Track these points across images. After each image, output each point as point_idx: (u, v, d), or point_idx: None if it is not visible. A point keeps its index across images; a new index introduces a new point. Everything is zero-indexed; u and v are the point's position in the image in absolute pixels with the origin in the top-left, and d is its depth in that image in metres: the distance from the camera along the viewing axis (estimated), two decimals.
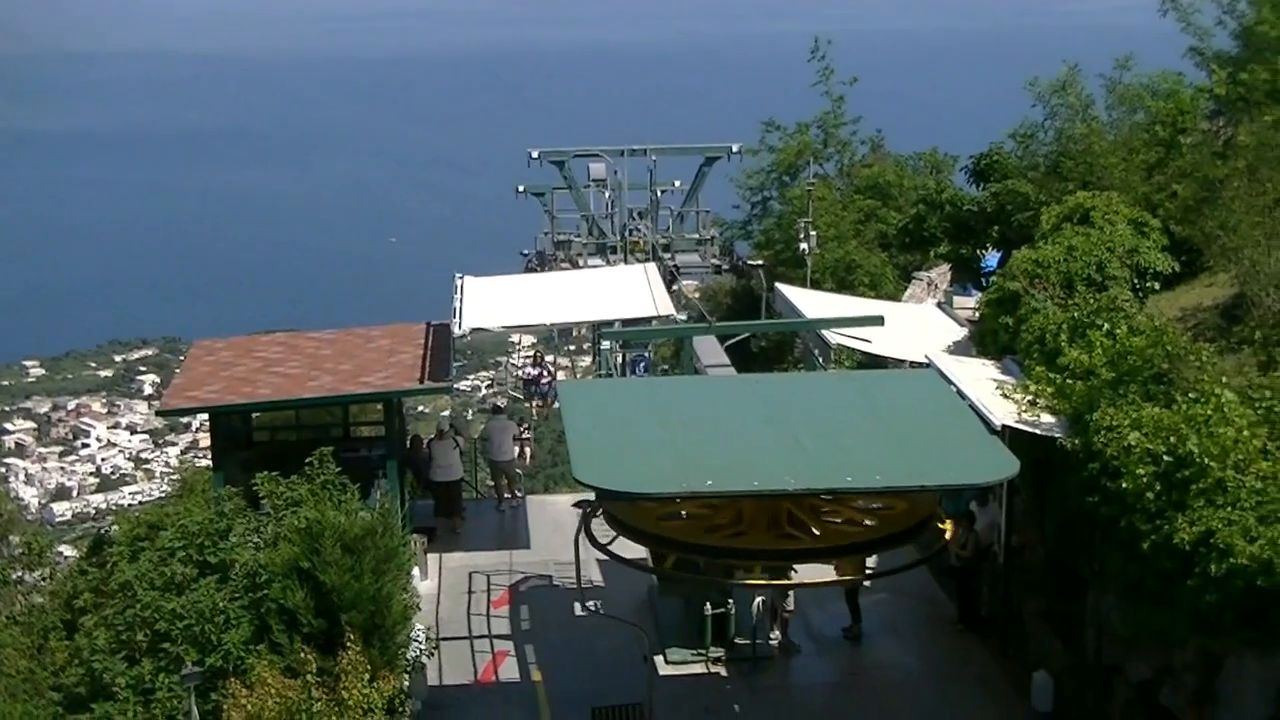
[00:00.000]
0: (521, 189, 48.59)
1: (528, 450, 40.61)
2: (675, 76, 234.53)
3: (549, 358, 45.36)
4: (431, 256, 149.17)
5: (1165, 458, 22.77)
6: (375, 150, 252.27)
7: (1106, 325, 28.05)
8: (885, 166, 59.37)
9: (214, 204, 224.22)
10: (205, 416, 35.12)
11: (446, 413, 74.32)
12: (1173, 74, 44.35)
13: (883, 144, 63.14)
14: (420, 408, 78.32)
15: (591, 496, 24.12)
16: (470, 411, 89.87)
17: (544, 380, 40.86)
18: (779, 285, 40.73)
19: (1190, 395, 23.85)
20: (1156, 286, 33.22)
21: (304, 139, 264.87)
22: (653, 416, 25.83)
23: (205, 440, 52.15)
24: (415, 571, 32.02)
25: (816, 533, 24.52)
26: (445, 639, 30.26)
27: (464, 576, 34.01)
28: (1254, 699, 21.38)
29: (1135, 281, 32.65)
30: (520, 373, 42.04)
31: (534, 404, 41.09)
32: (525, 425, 40.86)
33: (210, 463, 35.68)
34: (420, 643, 28.06)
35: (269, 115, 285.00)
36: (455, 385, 39.99)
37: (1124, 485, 23.06)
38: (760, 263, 50.82)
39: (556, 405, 31.92)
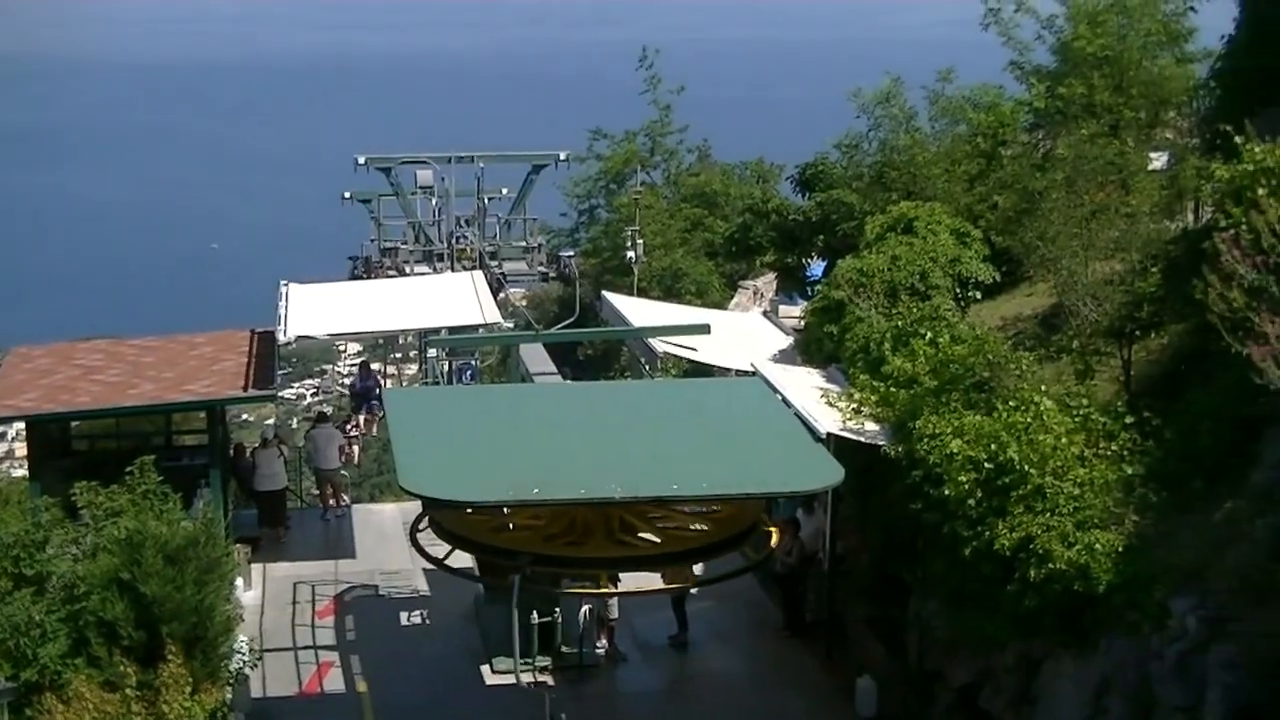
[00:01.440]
0: (348, 195, 48.07)
1: (355, 448, 40.18)
2: (503, 84, 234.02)
3: (376, 367, 44.97)
4: (256, 263, 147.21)
5: (986, 465, 23.12)
6: (198, 155, 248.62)
7: (929, 334, 28.45)
8: (712, 175, 59.77)
9: (26, 206, 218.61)
10: (22, 425, 34.32)
11: (271, 421, 73.51)
12: (994, 87, 45.04)
13: (710, 153, 63.59)
14: (244, 416, 77.43)
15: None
16: (295, 419, 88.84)
17: (374, 394, 40.41)
18: (606, 293, 40.76)
19: (1010, 403, 24.23)
20: (978, 296, 33.71)
21: (123, 141, 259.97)
22: (480, 425, 25.70)
23: (22, 450, 50.94)
24: (239, 582, 31.52)
25: (654, 539, 24.53)
26: (269, 650, 29.84)
27: (288, 587, 33.58)
28: (1070, 701, 21.75)
29: (957, 291, 33.10)
30: (348, 384, 41.48)
31: (363, 417, 40.64)
32: (352, 426, 40.43)
33: (26, 472, 34.87)
34: (243, 654, 27.61)
35: (81, 117, 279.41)
36: (280, 393, 39.38)
37: (946, 492, 23.39)
38: (570, 253, 50.77)
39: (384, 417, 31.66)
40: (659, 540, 24.65)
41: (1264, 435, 20.41)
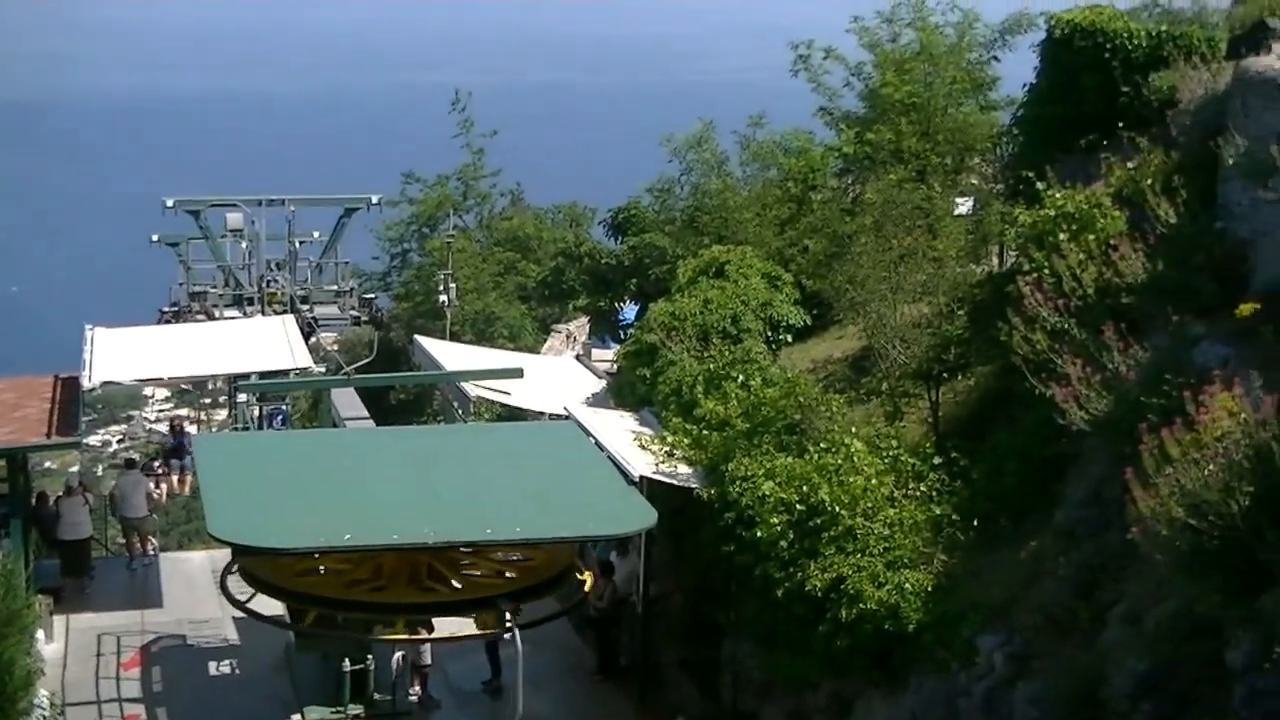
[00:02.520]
0: (155, 238, 47.24)
1: (163, 486, 39.26)
2: (315, 126, 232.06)
3: (185, 412, 44.21)
4: (59, 306, 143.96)
5: (798, 506, 23.30)
6: None
7: (741, 377, 28.61)
8: (525, 219, 59.78)
9: None
10: None
11: (75, 468, 71.71)
12: (804, 132, 45.59)
13: (523, 196, 63.59)
14: (48, 463, 75.42)
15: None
16: (101, 467, 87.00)
17: (185, 452, 39.49)
18: (418, 337, 40.50)
19: (821, 445, 24.46)
20: (789, 339, 33.97)
21: None
22: (290, 470, 25.36)
23: None
24: (40, 635, 30.68)
25: (457, 585, 24.36)
26: (72, 704, 29.04)
27: (93, 638, 32.72)
28: None
29: (769, 334, 33.32)
30: (157, 441, 40.41)
31: (174, 477, 39.73)
32: (160, 465, 39.54)
33: None
34: (44, 709, 26.86)
35: None
36: (85, 440, 38.52)
37: (758, 534, 23.52)
38: (371, 297, 50.47)
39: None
40: (478, 584, 24.52)
41: (1067, 474, 20.80)
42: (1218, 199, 21.16)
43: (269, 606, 25.89)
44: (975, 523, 22.11)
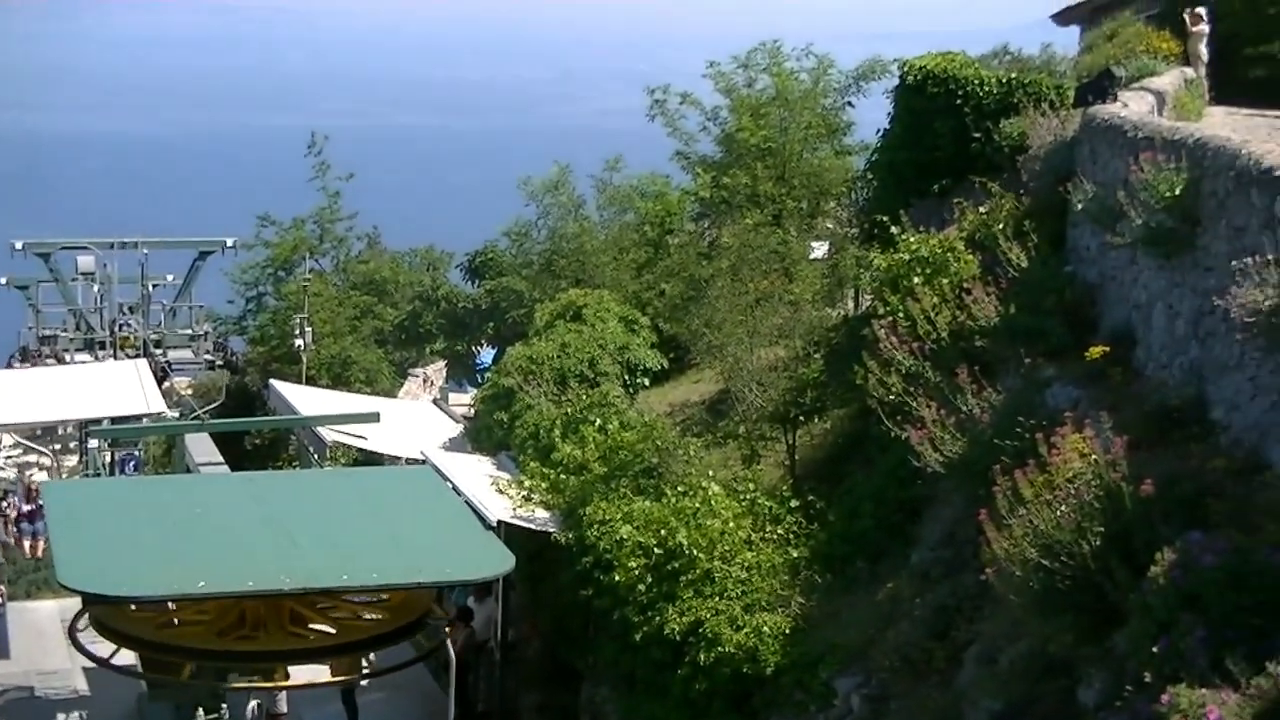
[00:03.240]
0: (4, 281, 46.50)
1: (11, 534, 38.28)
2: (168, 168, 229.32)
3: (35, 459, 43.29)
4: None
5: (656, 550, 23.27)
6: None
7: (599, 420, 28.60)
8: (382, 262, 59.43)
9: None
10: None
11: None
12: (660, 176, 45.82)
13: (379, 239, 63.21)
14: None
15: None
16: None
17: (38, 517, 38.52)
18: (273, 382, 40.10)
19: (679, 489, 24.46)
20: (646, 382, 34.03)
21: None
22: (143, 517, 24.88)
23: None
24: None
25: (330, 630, 24.03)
26: None
27: None
28: None
29: (626, 377, 33.37)
30: (10, 508, 39.29)
31: (26, 542, 38.76)
32: (8, 506, 38.61)
33: None
34: None
35: None
36: None
37: (616, 578, 23.46)
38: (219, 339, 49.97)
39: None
40: (332, 631, 24.20)
41: (922, 516, 20.97)
42: (1067, 243, 21.53)
43: (122, 655, 25.40)
44: (832, 565, 22.21)
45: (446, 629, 26.16)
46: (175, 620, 24.16)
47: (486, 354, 47.02)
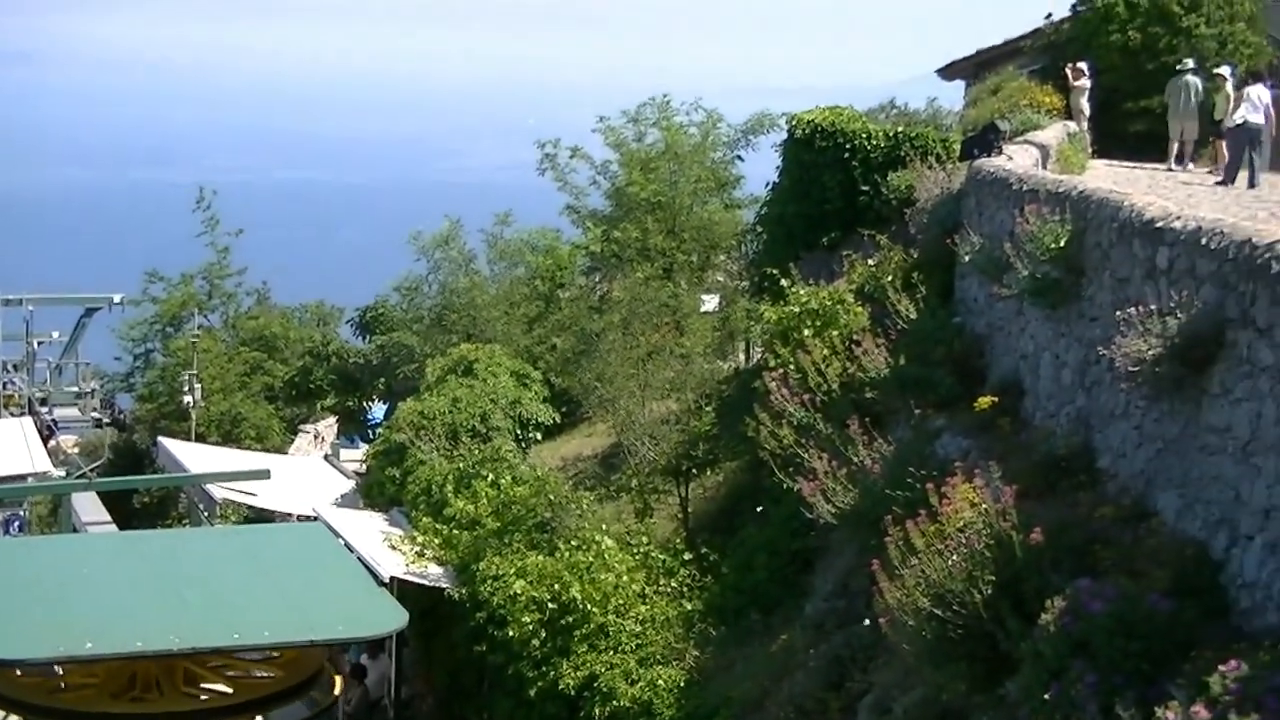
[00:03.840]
0: None
1: None
2: (52, 224, 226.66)
3: None
4: None
5: (550, 605, 23.23)
6: None
7: (491, 475, 28.52)
8: (271, 318, 58.94)
9: None
10: None
11: None
12: (551, 230, 45.89)
13: (269, 295, 62.73)
14: None
15: None
16: None
17: None
18: (162, 439, 39.66)
19: (573, 543, 24.44)
20: (539, 436, 34.01)
21: None
22: (28, 577, 24.42)
23: None
24: None
25: (226, 689, 23.69)
26: None
27: None
28: None
29: (518, 432, 33.32)
30: None
31: None
32: None
33: None
34: None
35: None
36: None
37: (510, 633, 23.38)
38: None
39: None
40: (228, 690, 23.88)
41: (815, 567, 21.05)
42: (955, 295, 21.76)
43: None
44: (726, 617, 22.24)
45: (337, 687, 25.93)
46: (63, 684, 23.75)
47: (378, 409, 46.71)
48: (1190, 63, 31.33)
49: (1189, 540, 11.68)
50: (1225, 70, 30.85)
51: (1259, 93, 29.02)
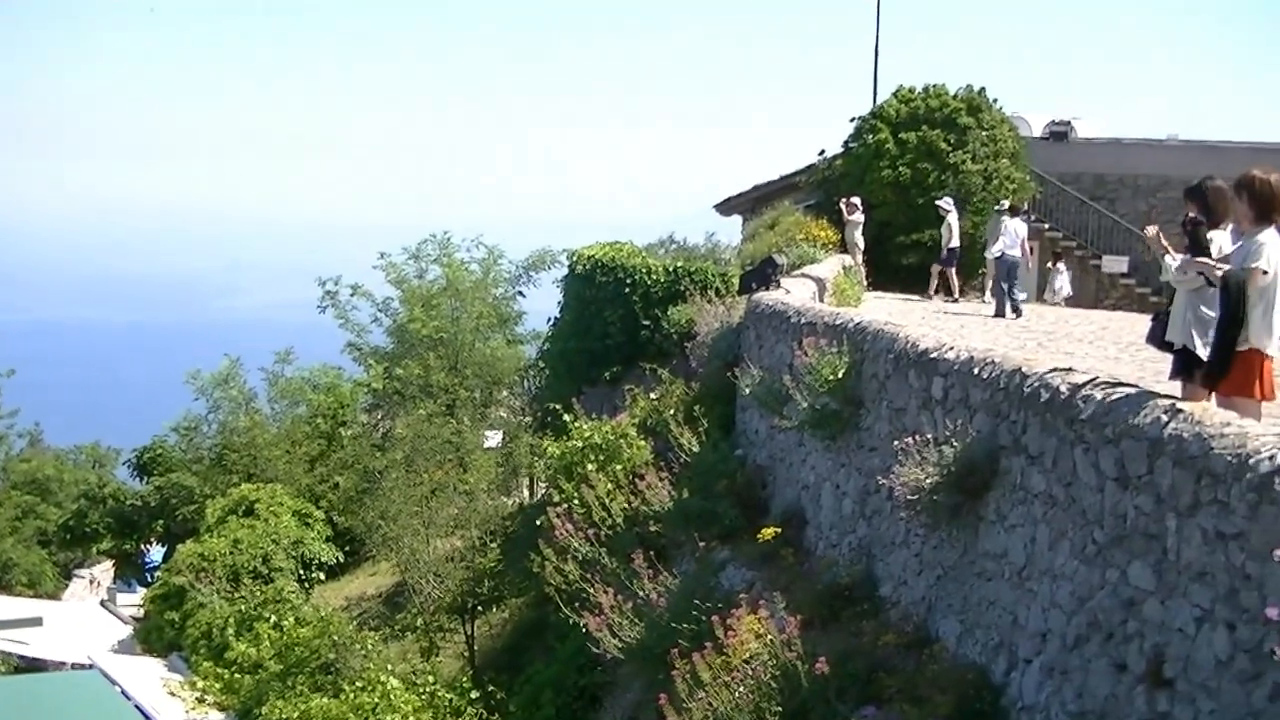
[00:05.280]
0: None
1: None
2: None
3: None
4: None
5: None
6: None
7: (274, 617, 28.09)
8: (44, 461, 57.59)
9: None
10: None
11: None
12: (333, 368, 45.59)
13: (42, 437, 61.32)
14: None
15: None
16: None
17: None
18: None
19: (358, 684, 24.06)
20: (322, 576, 33.60)
21: None
22: None
23: None
24: None
25: None
26: None
27: None
28: None
29: (301, 572, 32.92)
30: None
31: None
32: None
33: None
34: None
35: None
36: None
37: None
38: None
39: None
40: None
41: (603, 703, 20.93)
42: (737, 427, 21.99)
43: None
44: None
45: None
46: None
47: (156, 552, 45.76)
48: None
49: (970, 665, 11.84)
50: (946, 202, 31.95)
51: (1016, 226, 30.12)
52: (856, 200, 32.74)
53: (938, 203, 31.92)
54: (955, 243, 31.82)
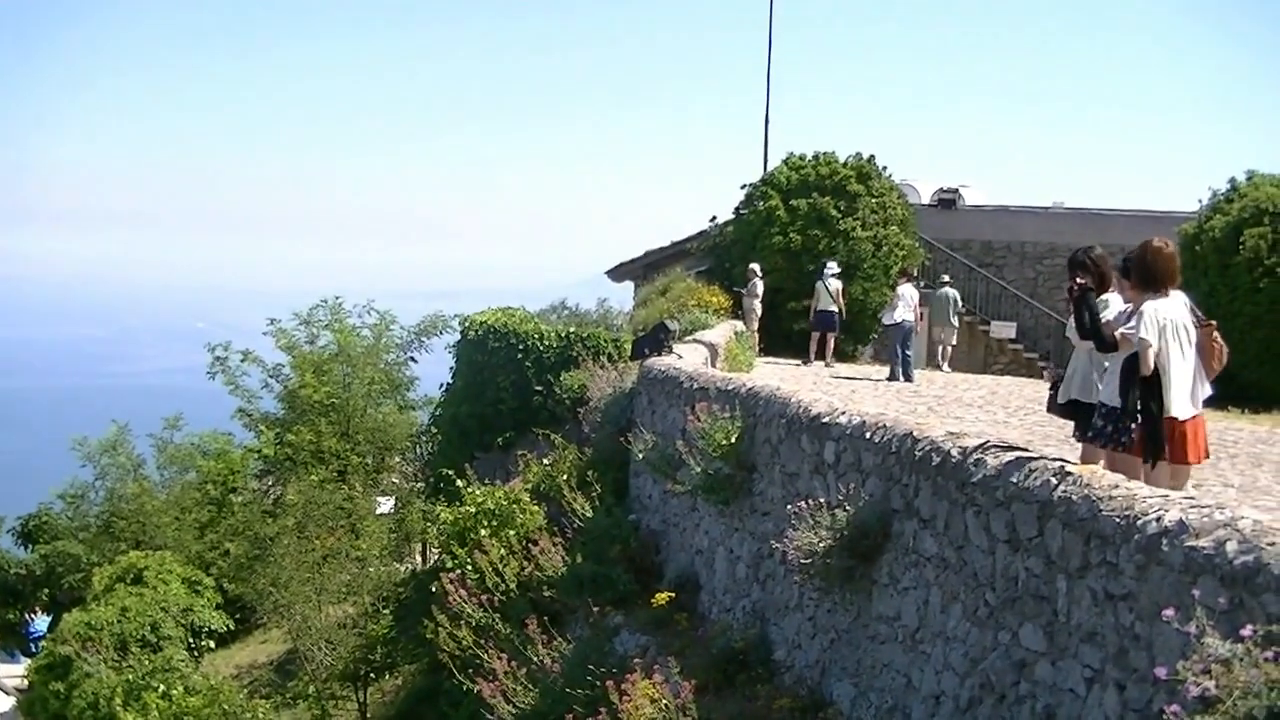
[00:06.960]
0: None
1: None
2: None
3: None
4: None
5: None
6: None
7: (162, 687, 27.67)
8: None
9: None
10: None
11: None
12: (223, 434, 45.20)
13: None
14: None
15: None
16: None
17: None
18: None
19: None
20: (212, 645, 33.21)
21: None
22: None
23: None
24: None
25: None
26: None
27: None
28: None
29: (191, 640, 32.52)
30: None
31: None
32: None
33: None
34: None
35: None
36: None
37: None
38: None
39: None
40: None
41: None
42: (630, 492, 22.03)
43: None
44: None
45: None
46: None
47: (41, 622, 44.94)
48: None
49: None
50: (832, 265, 32.29)
51: (909, 292, 30.46)
52: (755, 267, 33.00)
53: (826, 265, 32.16)
54: (833, 306, 31.78)
